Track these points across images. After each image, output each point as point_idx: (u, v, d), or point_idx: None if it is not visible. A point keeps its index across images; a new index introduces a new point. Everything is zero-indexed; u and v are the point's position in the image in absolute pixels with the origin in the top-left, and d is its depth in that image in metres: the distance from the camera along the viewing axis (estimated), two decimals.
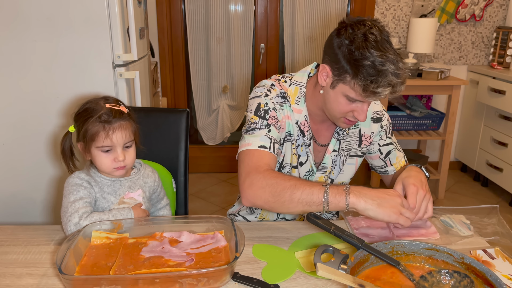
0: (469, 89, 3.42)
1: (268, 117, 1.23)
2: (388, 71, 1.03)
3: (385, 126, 1.37)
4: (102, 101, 1.14)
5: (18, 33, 1.76)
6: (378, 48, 1.04)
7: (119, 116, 1.12)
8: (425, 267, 0.92)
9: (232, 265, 0.91)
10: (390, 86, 1.05)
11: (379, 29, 1.08)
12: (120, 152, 1.13)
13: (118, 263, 0.96)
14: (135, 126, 1.17)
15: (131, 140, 1.16)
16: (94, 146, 1.12)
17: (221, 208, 3.00)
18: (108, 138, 1.11)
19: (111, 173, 1.16)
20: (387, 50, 1.04)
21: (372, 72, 1.03)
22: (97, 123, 1.10)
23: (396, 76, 1.04)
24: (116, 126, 1.12)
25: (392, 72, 1.04)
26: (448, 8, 3.25)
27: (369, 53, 1.03)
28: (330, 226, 0.94)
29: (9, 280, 0.94)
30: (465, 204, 3.12)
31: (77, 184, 1.14)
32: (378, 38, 1.05)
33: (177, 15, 3.28)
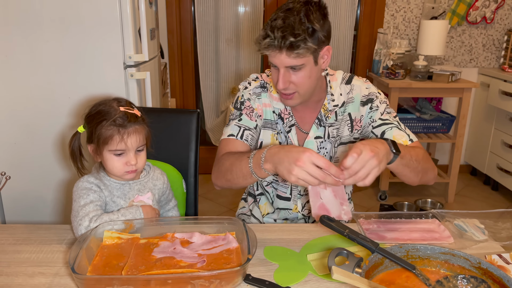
0: (479, 92, 3.39)
1: (243, 107, 1.35)
2: (268, 23, 1.16)
3: (375, 107, 1.33)
4: (115, 104, 1.13)
5: (30, 34, 1.77)
6: (280, 8, 1.17)
7: (134, 120, 1.12)
8: (440, 271, 0.90)
9: (244, 267, 0.91)
10: (266, 37, 1.15)
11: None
12: (132, 156, 1.13)
13: (130, 263, 0.96)
14: (147, 130, 1.17)
15: (143, 144, 1.16)
16: (107, 149, 1.12)
17: (229, 209, 2.99)
18: (122, 142, 1.10)
19: (122, 177, 1.16)
20: (281, 8, 1.17)
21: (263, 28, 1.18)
22: (112, 126, 1.10)
23: (269, 29, 1.14)
24: (131, 131, 1.11)
25: (269, 24, 1.15)
26: (459, 10, 3.23)
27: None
28: (344, 229, 0.93)
29: (21, 279, 0.94)
30: (475, 208, 3.09)
31: (87, 188, 1.14)
32: (290, 3, 1.17)
33: (187, 16, 3.28)
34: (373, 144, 1.02)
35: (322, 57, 1.22)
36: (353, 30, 3.32)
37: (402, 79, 2.94)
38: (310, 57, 1.18)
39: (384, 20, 3.29)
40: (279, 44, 1.14)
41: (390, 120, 1.32)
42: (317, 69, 1.22)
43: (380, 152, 1.02)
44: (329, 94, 1.33)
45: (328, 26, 1.20)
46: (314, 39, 1.15)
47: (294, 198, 1.42)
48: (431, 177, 1.29)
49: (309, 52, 1.16)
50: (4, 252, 1.05)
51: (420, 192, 3.33)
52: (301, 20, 1.13)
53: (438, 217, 1.21)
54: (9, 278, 0.95)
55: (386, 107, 1.34)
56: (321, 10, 1.18)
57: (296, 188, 1.41)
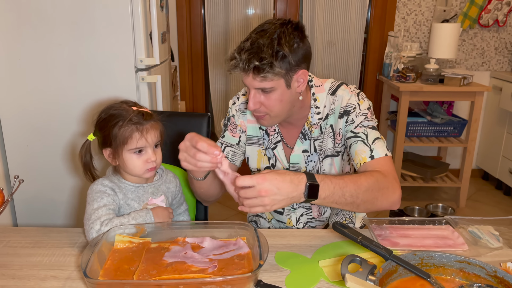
0: (492, 95, 3.35)
1: (228, 124, 1.39)
2: (240, 43, 1.15)
3: (350, 121, 1.25)
4: (124, 105, 1.16)
5: (43, 37, 1.78)
6: (256, 28, 1.16)
7: (149, 117, 1.15)
8: (456, 280, 0.89)
9: (256, 273, 0.90)
10: (233, 58, 1.14)
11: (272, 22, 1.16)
12: (151, 152, 1.15)
13: (141, 267, 0.96)
14: (162, 126, 1.19)
15: (159, 140, 1.18)
16: (126, 150, 1.13)
17: (238, 213, 2.99)
18: (142, 138, 1.12)
19: (142, 175, 1.17)
20: (256, 29, 1.16)
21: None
22: (130, 125, 1.12)
23: (236, 51, 1.14)
24: (149, 127, 1.14)
25: (239, 45, 1.14)
26: (470, 13, 3.20)
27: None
28: (358, 235, 0.93)
29: (33, 283, 0.95)
30: (487, 213, 3.05)
31: (101, 191, 1.14)
32: (266, 23, 1.16)
33: (197, 19, 3.29)
34: (278, 185, 0.98)
35: (297, 81, 1.17)
36: (364, 33, 3.31)
37: (413, 83, 2.92)
38: (280, 80, 1.14)
39: (395, 23, 3.27)
40: (244, 67, 1.12)
41: (360, 133, 1.23)
42: (290, 93, 1.18)
43: (277, 196, 0.98)
44: (313, 107, 1.29)
45: (304, 50, 1.15)
46: (283, 64, 1.11)
47: (287, 212, 1.42)
48: (384, 204, 1.15)
49: (278, 76, 1.12)
50: (17, 255, 1.06)
51: (431, 196, 3.30)
52: (271, 43, 1.10)
53: (451, 224, 1.19)
54: (21, 281, 0.95)
55: (364, 120, 1.24)
56: (298, 33, 1.14)
57: None
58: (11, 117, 1.88)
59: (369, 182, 1.10)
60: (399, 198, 1.15)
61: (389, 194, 1.14)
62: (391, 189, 1.14)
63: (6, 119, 1.88)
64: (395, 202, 1.15)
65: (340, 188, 1.06)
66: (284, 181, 0.99)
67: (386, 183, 1.14)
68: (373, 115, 1.28)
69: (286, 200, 1.00)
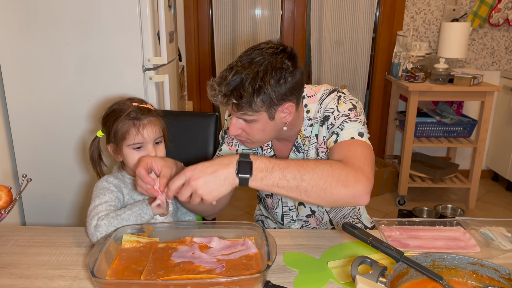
0: (502, 95, 3.31)
1: (226, 136, 1.35)
2: (224, 70, 1.09)
3: (330, 125, 1.17)
4: (128, 101, 1.16)
5: (51, 36, 1.79)
6: (247, 51, 1.10)
7: (147, 112, 1.13)
8: (468, 282, 0.87)
9: (264, 274, 0.89)
10: (213, 89, 1.09)
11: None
12: (151, 148, 1.14)
13: (148, 267, 0.96)
14: (163, 122, 1.18)
15: (160, 136, 1.16)
16: (126, 145, 1.13)
17: (245, 213, 2.98)
18: (139, 134, 1.11)
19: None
20: (245, 54, 1.09)
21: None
22: (127, 121, 1.12)
23: (217, 82, 1.08)
24: (146, 122, 1.12)
25: (217, 78, 1.09)
26: (480, 13, 3.16)
27: None
28: (368, 236, 0.91)
29: (41, 282, 0.95)
30: (497, 214, 3.01)
31: (105, 187, 1.15)
32: (257, 50, 1.09)
33: (204, 19, 3.29)
34: (206, 169, 0.94)
35: (282, 112, 1.11)
36: (372, 32, 3.28)
37: (422, 82, 2.89)
38: (262, 114, 1.08)
39: (404, 22, 3.24)
40: (222, 101, 1.08)
41: (337, 128, 1.15)
42: (273, 123, 1.12)
43: (209, 181, 0.93)
44: (306, 119, 1.23)
45: (293, 83, 1.08)
46: (265, 100, 1.05)
47: (287, 224, 1.40)
48: (342, 194, 0.97)
49: (259, 112, 1.07)
50: (25, 254, 1.06)
51: (440, 197, 3.27)
52: (254, 79, 1.03)
53: (463, 225, 1.17)
54: (29, 280, 0.95)
55: (344, 121, 1.14)
56: (289, 64, 1.07)
57: (288, 215, 1.38)
58: (19, 117, 1.89)
59: (318, 165, 0.98)
60: (364, 190, 0.98)
61: (348, 183, 0.97)
62: (352, 177, 0.98)
63: (15, 118, 1.89)
64: (359, 193, 0.97)
65: (280, 169, 0.96)
66: (212, 165, 0.95)
67: (345, 170, 0.99)
68: (360, 115, 1.17)
69: (219, 183, 0.94)
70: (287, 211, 1.37)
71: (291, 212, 1.37)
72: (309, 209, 1.34)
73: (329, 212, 1.35)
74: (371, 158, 1.08)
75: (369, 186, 0.99)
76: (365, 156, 1.06)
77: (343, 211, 1.37)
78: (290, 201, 1.35)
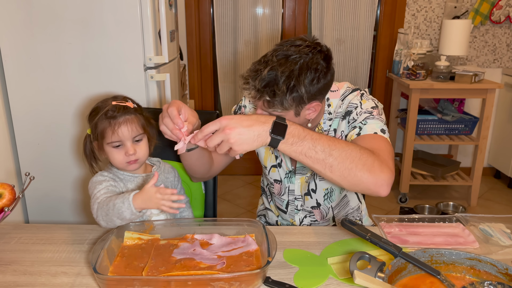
0: (503, 92, 3.30)
1: (239, 112, 1.34)
2: (259, 62, 1.09)
3: (351, 120, 1.18)
4: (110, 100, 1.16)
5: (54, 36, 1.80)
6: (282, 46, 1.09)
7: (123, 110, 1.13)
8: (466, 277, 0.88)
9: (264, 270, 0.90)
10: (246, 82, 1.10)
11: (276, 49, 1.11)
12: (130, 146, 1.13)
13: (150, 264, 0.97)
14: (143, 120, 1.17)
15: (139, 134, 1.15)
16: (105, 143, 1.14)
17: (247, 211, 2.99)
18: (115, 133, 1.11)
19: (125, 168, 1.17)
20: (281, 48, 1.08)
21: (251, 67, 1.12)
22: (104, 119, 1.12)
23: (252, 76, 1.08)
24: (122, 121, 1.12)
25: (254, 68, 1.09)
26: (482, 10, 3.16)
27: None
28: (366, 232, 0.92)
29: (44, 279, 0.96)
30: (499, 211, 3.01)
31: (100, 180, 1.15)
32: (292, 46, 1.09)
33: (206, 18, 3.30)
34: (242, 123, 0.95)
35: (308, 110, 1.12)
36: (373, 30, 3.29)
37: (423, 80, 2.89)
38: (290, 111, 1.10)
39: (405, 20, 3.24)
40: (255, 95, 1.08)
41: (358, 123, 1.16)
42: (298, 120, 1.13)
43: (243, 133, 0.94)
44: (326, 113, 1.24)
45: (325, 83, 1.09)
46: (296, 99, 1.06)
47: (291, 212, 1.40)
48: (366, 178, 0.99)
49: (289, 109, 1.09)
50: (28, 251, 1.07)
51: (442, 195, 3.27)
52: (289, 77, 1.04)
53: (462, 221, 1.18)
54: (32, 277, 0.97)
55: (367, 117, 1.15)
56: (324, 64, 1.08)
57: (293, 203, 1.38)
58: (22, 116, 1.90)
59: (350, 146, 1.00)
60: (387, 180, 0.99)
61: (374, 169, 0.98)
62: (378, 166, 0.99)
63: (18, 117, 1.90)
64: (381, 182, 0.99)
65: (312, 139, 0.98)
66: (249, 119, 0.96)
67: (372, 157, 1.00)
68: (381, 115, 1.19)
69: (252, 137, 0.95)
70: (293, 200, 1.37)
71: (296, 201, 1.37)
72: (315, 201, 1.34)
73: (334, 208, 1.36)
74: (393, 155, 1.10)
75: (392, 178, 1.01)
76: (389, 152, 1.08)
77: (346, 209, 1.37)
78: (298, 190, 1.35)
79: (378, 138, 1.11)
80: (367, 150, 1.02)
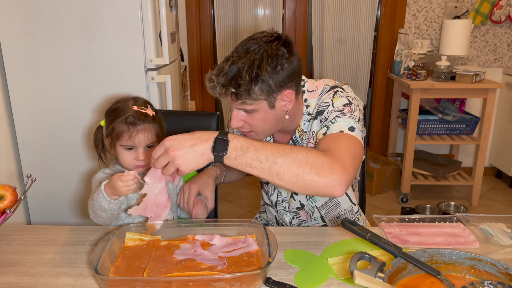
0: (504, 92, 3.30)
1: (229, 130, 1.36)
2: (221, 62, 1.11)
3: (323, 119, 1.17)
4: (131, 102, 1.19)
5: (55, 38, 1.81)
6: (241, 44, 1.12)
7: (144, 118, 1.16)
8: (466, 277, 0.88)
9: (265, 270, 0.90)
10: (211, 81, 1.10)
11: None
12: (141, 152, 1.17)
13: (151, 265, 0.97)
14: (158, 128, 1.20)
15: (153, 142, 1.19)
16: (119, 144, 1.17)
17: (248, 211, 2.99)
18: (131, 139, 1.15)
19: (131, 169, 1.19)
20: (240, 46, 1.11)
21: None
22: (123, 123, 1.15)
23: (215, 74, 1.10)
24: (140, 129, 1.16)
25: (218, 66, 1.11)
26: (482, 10, 3.16)
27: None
28: (366, 232, 0.92)
29: (46, 280, 0.96)
30: (500, 211, 3.01)
31: (102, 177, 1.20)
32: (252, 40, 1.11)
33: (206, 19, 3.31)
34: (185, 142, 0.96)
35: (282, 100, 1.12)
36: (374, 30, 3.29)
37: (424, 80, 2.90)
38: (262, 102, 1.10)
39: (405, 20, 3.24)
40: (220, 92, 1.09)
41: (328, 122, 1.15)
42: (274, 112, 1.13)
43: (187, 153, 0.95)
44: (306, 114, 1.24)
45: (290, 69, 1.09)
46: (263, 88, 1.07)
47: (280, 213, 1.41)
48: (316, 181, 0.95)
49: (259, 100, 1.09)
50: (30, 252, 1.08)
51: (443, 195, 3.27)
52: (250, 67, 1.05)
53: (463, 221, 1.18)
54: (34, 278, 0.97)
55: (337, 116, 1.14)
56: (284, 50, 1.08)
57: (281, 204, 1.39)
58: (24, 118, 1.91)
59: (294, 150, 0.97)
60: (338, 180, 0.95)
61: (322, 171, 0.95)
62: (328, 167, 0.96)
63: (19, 119, 1.91)
64: (332, 183, 0.95)
65: (255, 149, 0.96)
66: (192, 138, 0.97)
67: (321, 158, 0.97)
68: (354, 112, 1.15)
69: (196, 157, 0.95)
70: (281, 201, 1.39)
71: (284, 203, 1.38)
72: (298, 202, 1.35)
73: (320, 208, 1.35)
74: (355, 152, 1.05)
75: (345, 177, 0.97)
76: (348, 149, 1.04)
77: (338, 211, 1.37)
78: (284, 191, 1.36)
79: (341, 137, 1.08)
80: (315, 152, 0.99)
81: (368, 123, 3.52)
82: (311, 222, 1.40)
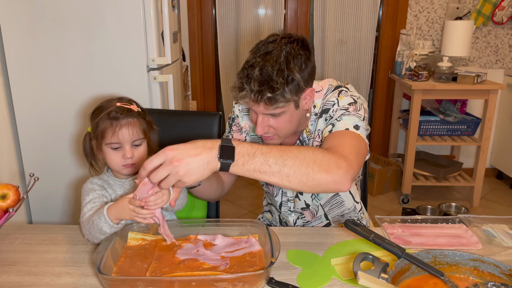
0: (506, 93, 3.30)
1: (234, 124, 1.35)
2: (244, 70, 1.09)
3: (328, 118, 1.19)
4: (115, 100, 1.16)
5: (57, 38, 1.81)
6: (259, 49, 1.11)
7: (126, 113, 1.13)
8: (469, 278, 0.88)
9: (268, 271, 0.90)
10: (242, 89, 1.09)
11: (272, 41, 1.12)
12: (128, 149, 1.13)
13: (153, 264, 0.97)
14: (145, 125, 1.17)
15: (140, 138, 1.15)
16: (104, 143, 1.14)
17: (249, 212, 2.99)
18: (115, 134, 1.11)
19: (120, 171, 1.17)
20: (259, 50, 1.10)
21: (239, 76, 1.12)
22: (106, 120, 1.12)
23: (245, 81, 1.08)
24: (124, 123, 1.12)
25: (245, 73, 1.09)
26: (484, 11, 3.16)
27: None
28: (370, 233, 0.92)
29: (48, 279, 0.96)
30: (501, 212, 3.00)
31: (89, 189, 1.16)
32: (270, 43, 1.11)
33: (208, 19, 3.31)
34: (189, 152, 0.88)
35: (305, 99, 1.14)
36: (375, 31, 3.29)
37: (426, 81, 2.89)
38: (291, 103, 1.11)
39: (407, 21, 3.24)
40: (255, 98, 1.07)
41: (334, 120, 1.16)
42: (298, 112, 1.16)
43: (191, 163, 0.87)
44: (313, 115, 1.25)
45: (311, 67, 1.12)
46: (293, 88, 1.08)
47: (284, 214, 1.41)
48: (324, 179, 0.96)
49: (290, 101, 1.10)
50: (32, 252, 1.08)
51: (444, 195, 3.27)
52: (280, 69, 1.05)
53: (465, 222, 1.18)
54: (37, 277, 0.97)
55: (343, 114, 1.15)
56: (304, 50, 1.10)
57: (286, 205, 1.39)
58: (26, 117, 1.91)
59: (301, 151, 0.97)
60: (345, 175, 0.97)
61: (330, 168, 0.96)
62: (334, 163, 0.97)
63: (21, 118, 1.91)
64: (340, 178, 0.96)
65: (263, 153, 0.93)
66: (196, 147, 0.90)
67: (327, 156, 0.98)
68: (359, 110, 1.16)
69: (202, 166, 0.89)
70: (286, 201, 1.38)
71: (289, 203, 1.38)
72: (303, 202, 1.35)
73: (324, 206, 1.35)
74: (359, 149, 1.07)
75: (351, 172, 0.98)
76: (352, 146, 1.05)
77: (341, 209, 1.37)
78: (290, 192, 1.36)
79: (346, 134, 1.09)
80: (321, 150, 1.00)
81: (369, 124, 3.52)
82: (315, 222, 1.41)
